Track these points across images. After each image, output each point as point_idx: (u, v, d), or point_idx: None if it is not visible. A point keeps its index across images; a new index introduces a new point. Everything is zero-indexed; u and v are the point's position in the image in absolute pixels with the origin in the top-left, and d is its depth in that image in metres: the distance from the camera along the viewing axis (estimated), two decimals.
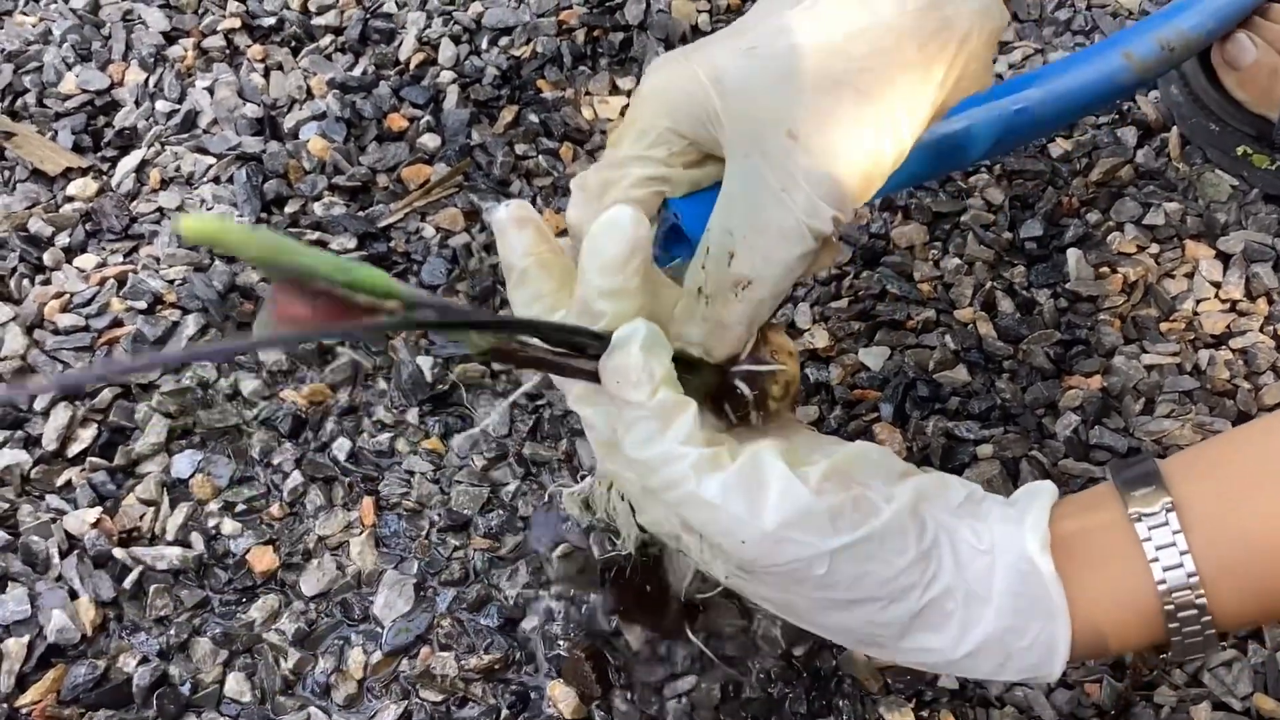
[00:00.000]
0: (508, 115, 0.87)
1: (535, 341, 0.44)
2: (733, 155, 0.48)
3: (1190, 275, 0.78)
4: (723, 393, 0.49)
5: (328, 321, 0.38)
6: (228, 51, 0.91)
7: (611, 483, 0.49)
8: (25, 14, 0.93)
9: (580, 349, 0.44)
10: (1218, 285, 0.78)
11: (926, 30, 0.49)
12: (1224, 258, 0.79)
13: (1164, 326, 0.76)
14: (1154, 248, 0.80)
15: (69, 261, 0.80)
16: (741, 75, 0.48)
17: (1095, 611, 0.44)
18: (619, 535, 0.50)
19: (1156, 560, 0.43)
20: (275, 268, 0.36)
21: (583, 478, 0.67)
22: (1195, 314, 0.77)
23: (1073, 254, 0.78)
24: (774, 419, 0.50)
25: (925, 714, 0.64)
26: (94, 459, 0.71)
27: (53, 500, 0.70)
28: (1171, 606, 0.43)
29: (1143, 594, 0.44)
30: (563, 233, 0.53)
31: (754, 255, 0.48)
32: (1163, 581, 0.43)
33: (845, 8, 0.48)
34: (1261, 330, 0.76)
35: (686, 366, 0.46)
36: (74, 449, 0.72)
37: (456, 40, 0.90)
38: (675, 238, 0.53)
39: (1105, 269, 0.78)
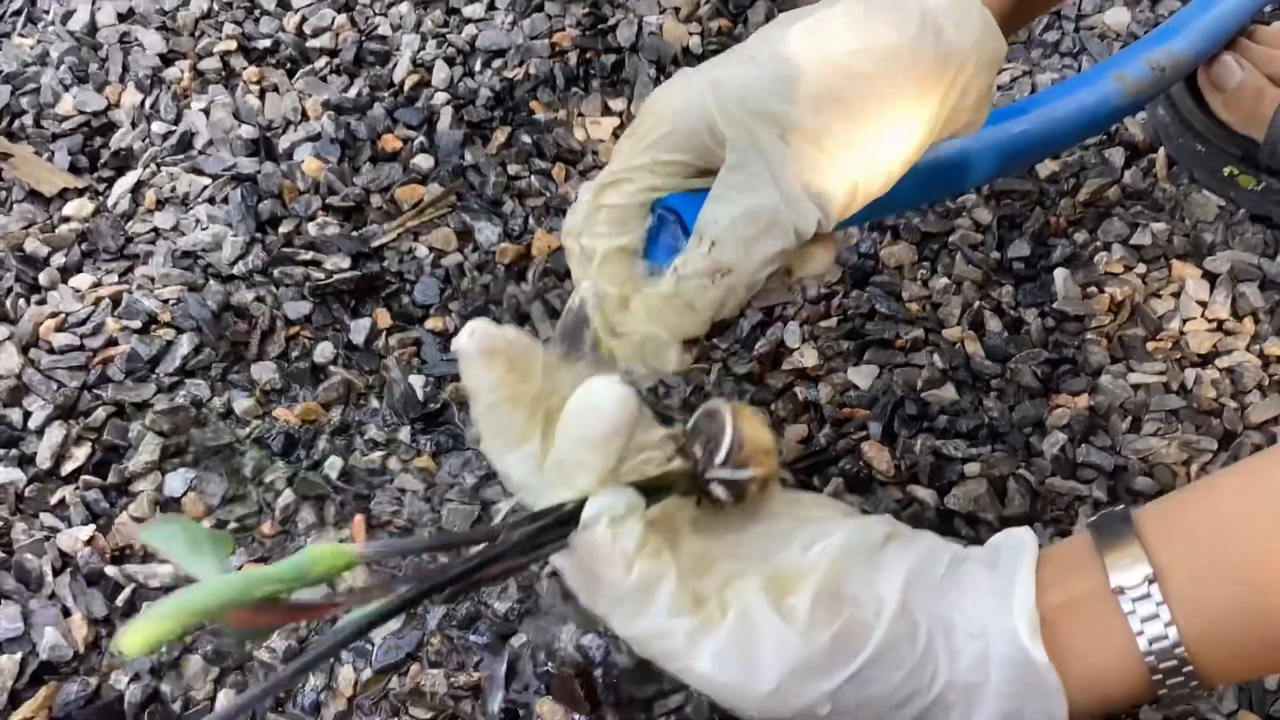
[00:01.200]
0: (501, 136, 0.87)
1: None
2: (730, 150, 0.50)
3: (1177, 295, 0.79)
4: (699, 491, 0.48)
5: (287, 617, 0.40)
6: (224, 73, 0.91)
7: None
8: (23, 36, 0.94)
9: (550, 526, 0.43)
10: (1204, 305, 0.78)
11: (923, 56, 0.50)
12: (1211, 277, 0.79)
13: (1151, 346, 0.77)
14: (1141, 267, 0.80)
15: (64, 281, 0.81)
16: (739, 79, 0.50)
17: (1086, 682, 0.44)
18: None
19: (1142, 633, 0.43)
20: (227, 609, 0.37)
21: None
22: (1182, 333, 0.77)
23: (1060, 274, 0.79)
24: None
25: None
26: (88, 477, 0.72)
27: (46, 518, 0.71)
28: (1160, 676, 0.44)
29: (1131, 664, 0.44)
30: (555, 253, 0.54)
31: (736, 244, 0.50)
32: (1150, 654, 0.43)
33: (844, 29, 0.50)
34: (1248, 349, 0.76)
35: (658, 491, 0.45)
36: (68, 467, 0.72)
37: (450, 62, 0.91)
38: (663, 237, 0.53)
39: (1092, 289, 0.79)
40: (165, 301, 0.79)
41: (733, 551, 0.47)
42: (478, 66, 0.91)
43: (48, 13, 0.96)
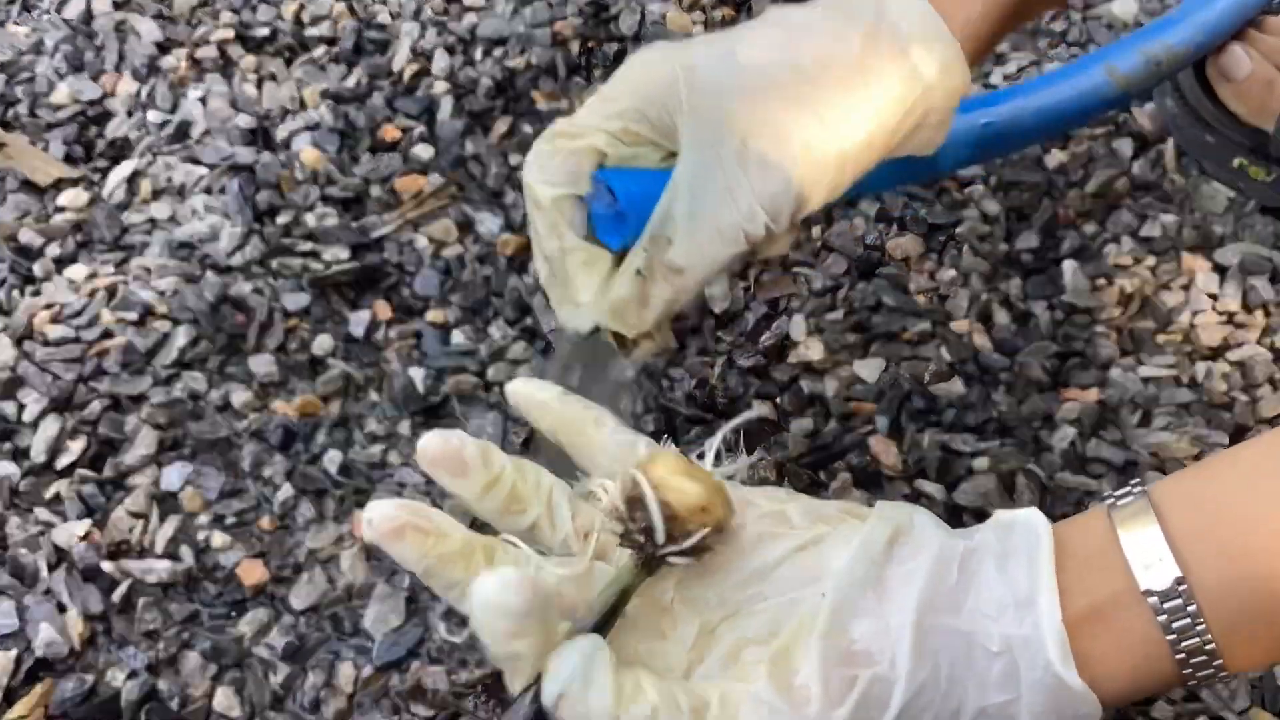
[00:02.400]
0: (502, 126, 0.86)
1: None
2: (688, 147, 0.52)
3: (1187, 287, 0.78)
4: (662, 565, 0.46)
5: None
6: (221, 62, 0.90)
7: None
8: (18, 24, 0.93)
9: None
10: (1214, 297, 0.78)
11: (892, 75, 0.52)
12: (1221, 270, 0.79)
13: (1161, 339, 0.76)
14: (1150, 260, 0.79)
15: (59, 272, 0.80)
16: (714, 76, 0.51)
17: (1113, 682, 0.44)
18: None
19: (1174, 635, 0.43)
20: None
21: None
22: (1192, 326, 0.76)
23: (1069, 266, 0.78)
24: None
25: None
26: (83, 471, 0.71)
27: (41, 513, 0.70)
28: (1189, 670, 0.43)
29: (1162, 664, 0.43)
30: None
31: (690, 246, 0.51)
32: (1180, 653, 0.43)
33: (822, 37, 0.52)
34: (1259, 342, 0.76)
35: (624, 597, 0.44)
36: (63, 461, 0.71)
37: (450, 51, 0.90)
38: (597, 205, 0.54)
39: (1102, 281, 0.78)
40: (162, 293, 0.78)
41: (730, 611, 0.45)
42: (478, 55, 0.90)
43: (43, 1, 0.95)
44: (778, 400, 0.74)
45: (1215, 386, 0.74)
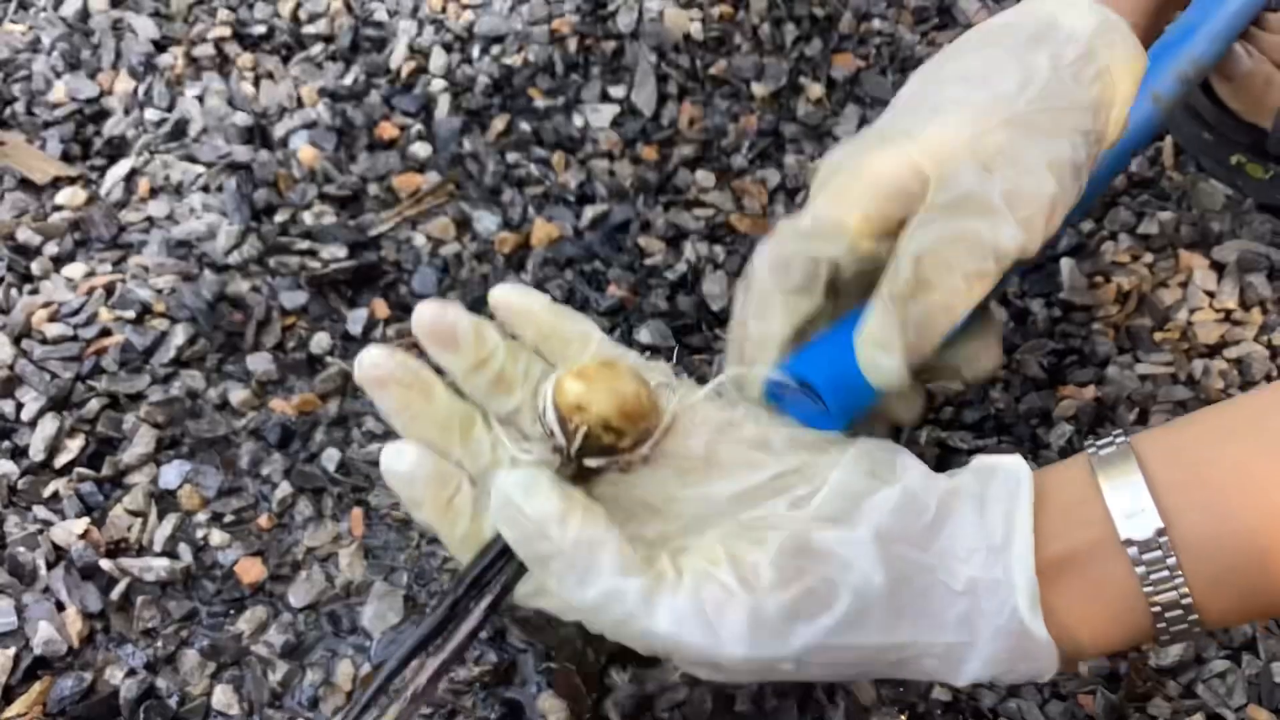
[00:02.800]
0: (499, 124, 0.86)
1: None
2: (934, 185, 0.49)
3: (1184, 285, 0.78)
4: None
5: None
6: (218, 60, 0.90)
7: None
8: (14, 22, 0.93)
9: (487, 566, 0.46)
10: (1212, 295, 0.78)
11: (1087, 76, 0.51)
12: (1218, 267, 0.79)
13: (1158, 336, 0.76)
14: (1148, 257, 0.79)
15: (57, 271, 0.79)
16: (932, 125, 0.50)
17: (1084, 633, 0.44)
18: None
19: (1150, 585, 0.43)
20: None
21: None
22: (1189, 323, 0.76)
23: (1066, 263, 0.78)
24: (655, 458, 0.49)
25: None
26: (81, 469, 0.71)
27: (40, 511, 0.69)
28: (1164, 624, 0.43)
29: (1135, 614, 0.44)
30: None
31: (936, 259, 0.47)
32: (1156, 605, 0.43)
33: (1000, 64, 0.51)
34: (1256, 340, 0.76)
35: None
36: (61, 460, 0.71)
37: (448, 48, 0.90)
38: (788, 394, 0.51)
39: (1099, 278, 0.78)
40: (159, 291, 0.78)
41: (699, 510, 0.47)
42: (476, 53, 0.90)
43: None
44: None
45: (1212, 384, 0.74)
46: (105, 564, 0.67)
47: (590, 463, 0.47)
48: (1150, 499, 0.43)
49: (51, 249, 0.80)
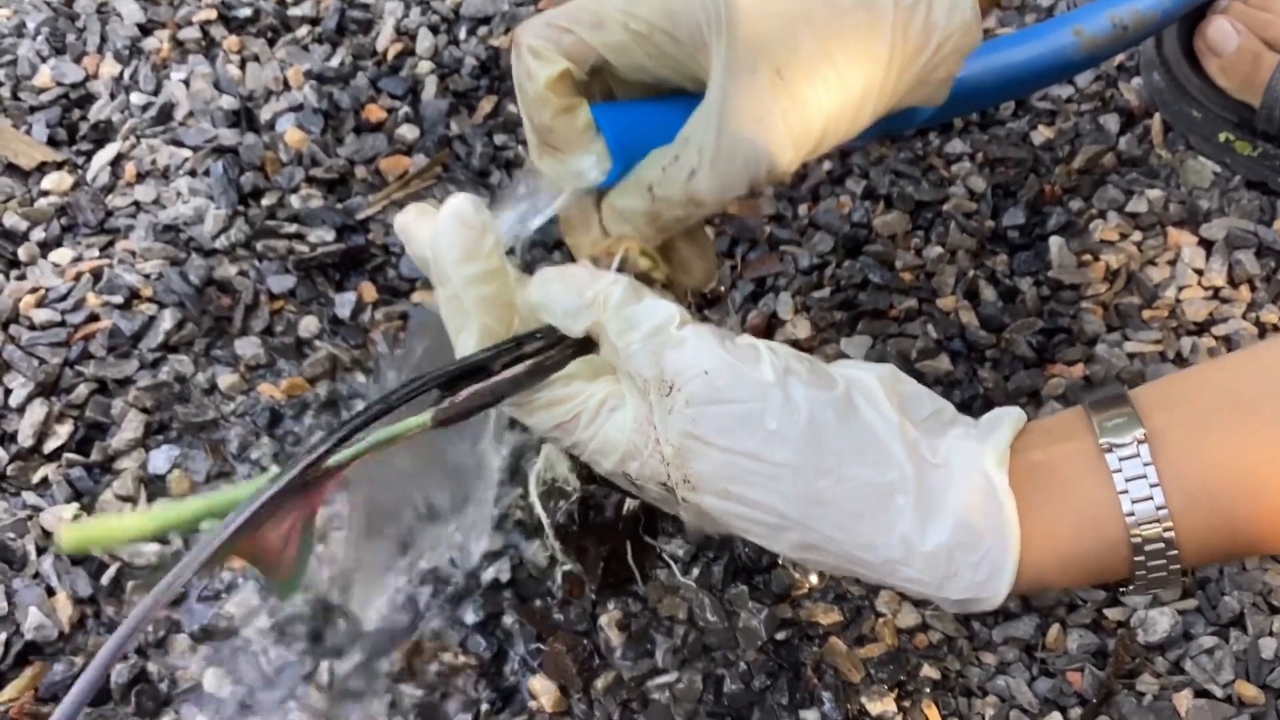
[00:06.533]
0: (487, 105, 0.86)
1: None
2: (722, 70, 0.49)
3: (1173, 262, 0.78)
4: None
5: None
6: (203, 43, 0.90)
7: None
8: None
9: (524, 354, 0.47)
10: (1200, 272, 0.78)
11: (915, 24, 0.51)
12: (1206, 245, 0.79)
13: (1146, 314, 0.76)
14: (1136, 235, 0.79)
15: (44, 256, 0.79)
16: (757, 3, 0.49)
17: (1054, 539, 0.44)
18: (568, 488, 0.53)
19: (1126, 492, 0.43)
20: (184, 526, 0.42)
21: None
22: (1178, 301, 0.76)
23: (1055, 242, 0.78)
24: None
25: (907, 704, 0.63)
26: (70, 455, 0.71)
27: (29, 497, 0.69)
28: (1139, 539, 0.43)
29: (1109, 525, 0.43)
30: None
31: (714, 178, 0.50)
32: (1131, 514, 0.43)
33: None
34: (1244, 317, 0.76)
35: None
36: (50, 445, 0.71)
37: (435, 30, 0.90)
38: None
39: (1088, 257, 0.78)
40: (147, 276, 0.77)
41: None
42: (462, 34, 0.90)
43: None
44: None
45: (1201, 361, 0.74)
46: (95, 549, 0.67)
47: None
48: (1133, 413, 0.44)
49: (38, 234, 0.80)
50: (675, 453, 0.45)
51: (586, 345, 0.48)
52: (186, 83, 0.87)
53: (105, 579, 0.67)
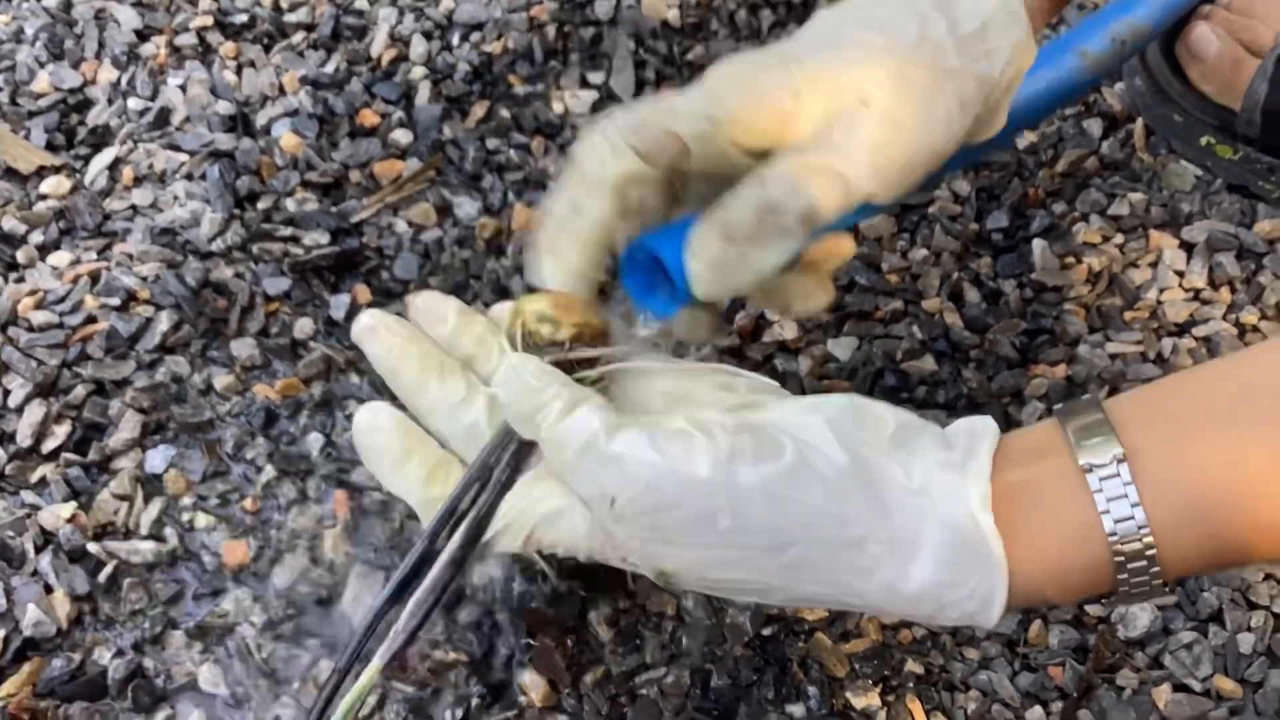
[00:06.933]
0: (479, 110, 0.87)
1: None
2: (805, 116, 0.49)
3: (1154, 265, 0.79)
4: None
5: None
6: (200, 49, 0.91)
7: None
8: None
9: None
10: (1181, 274, 0.79)
11: (977, 51, 0.52)
12: (1188, 247, 0.80)
13: (1128, 315, 0.77)
14: (1118, 238, 0.81)
15: (43, 259, 0.80)
16: (824, 53, 0.50)
17: (1039, 562, 0.44)
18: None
19: (1108, 512, 0.43)
20: None
21: None
22: (1159, 303, 0.78)
23: (1038, 244, 0.79)
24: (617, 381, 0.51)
25: (891, 699, 0.64)
26: (68, 455, 0.72)
27: (27, 496, 0.70)
28: (1122, 558, 0.43)
29: (1093, 544, 0.43)
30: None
31: (785, 186, 0.48)
32: (1114, 534, 0.43)
33: (900, 18, 0.51)
34: (1224, 319, 0.77)
35: None
36: (49, 445, 0.72)
37: (428, 36, 0.91)
38: (641, 271, 0.52)
39: (1070, 259, 0.79)
40: (144, 278, 0.78)
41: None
42: (455, 40, 0.91)
43: None
44: None
45: (1181, 362, 0.75)
46: (93, 547, 0.68)
47: (546, 358, 0.49)
48: (1111, 431, 0.44)
49: (37, 237, 0.81)
50: (640, 558, 0.45)
51: (529, 448, 0.49)
52: (183, 88, 0.88)
53: (102, 576, 0.68)
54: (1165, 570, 0.44)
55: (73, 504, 0.70)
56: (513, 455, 0.48)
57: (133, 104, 0.88)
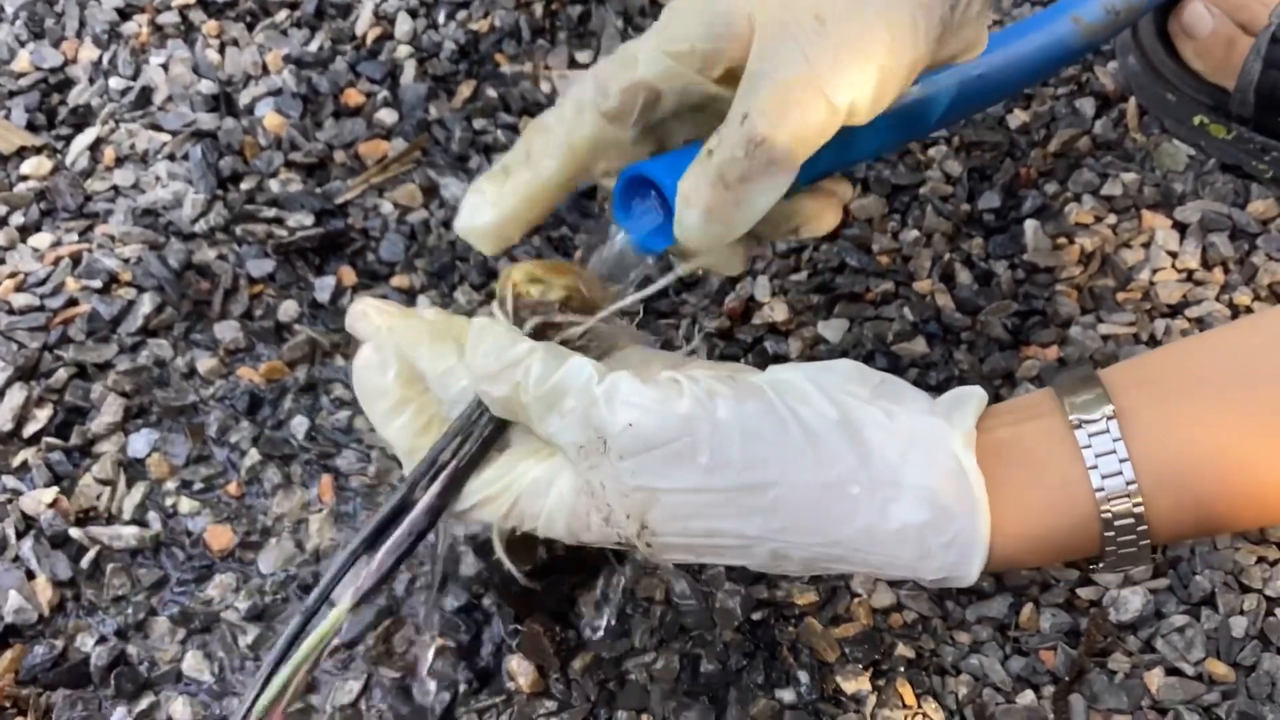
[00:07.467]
0: (466, 90, 0.86)
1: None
2: (760, 39, 0.47)
3: (1147, 245, 0.79)
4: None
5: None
6: (182, 27, 0.90)
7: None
8: None
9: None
10: (1174, 255, 0.78)
11: None
12: (1181, 227, 0.79)
13: (1120, 296, 0.77)
14: (1111, 218, 0.80)
15: (23, 241, 0.79)
16: None
17: (1025, 517, 0.44)
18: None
19: (1095, 468, 0.43)
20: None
21: None
22: (1152, 284, 0.77)
23: (1030, 225, 0.79)
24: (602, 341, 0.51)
25: (881, 683, 0.64)
26: (50, 439, 0.71)
27: (9, 480, 0.70)
28: (1109, 515, 0.43)
29: (1079, 501, 0.43)
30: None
31: (768, 114, 0.45)
32: (1101, 489, 0.43)
33: None
34: (1217, 299, 0.76)
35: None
36: (30, 429, 0.71)
37: (413, 14, 0.90)
38: (635, 201, 0.52)
39: (1062, 240, 0.79)
40: (126, 260, 0.77)
41: None
42: (441, 18, 0.90)
43: None
44: (742, 360, 0.74)
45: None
46: (75, 532, 0.67)
47: (535, 320, 0.49)
48: (1103, 391, 0.44)
49: (17, 219, 0.80)
50: (629, 506, 0.45)
51: (502, 425, 0.49)
52: (165, 67, 0.87)
53: (85, 562, 0.67)
54: (1152, 531, 0.44)
55: (54, 489, 0.69)
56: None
57: (114, 83, 0.86)
